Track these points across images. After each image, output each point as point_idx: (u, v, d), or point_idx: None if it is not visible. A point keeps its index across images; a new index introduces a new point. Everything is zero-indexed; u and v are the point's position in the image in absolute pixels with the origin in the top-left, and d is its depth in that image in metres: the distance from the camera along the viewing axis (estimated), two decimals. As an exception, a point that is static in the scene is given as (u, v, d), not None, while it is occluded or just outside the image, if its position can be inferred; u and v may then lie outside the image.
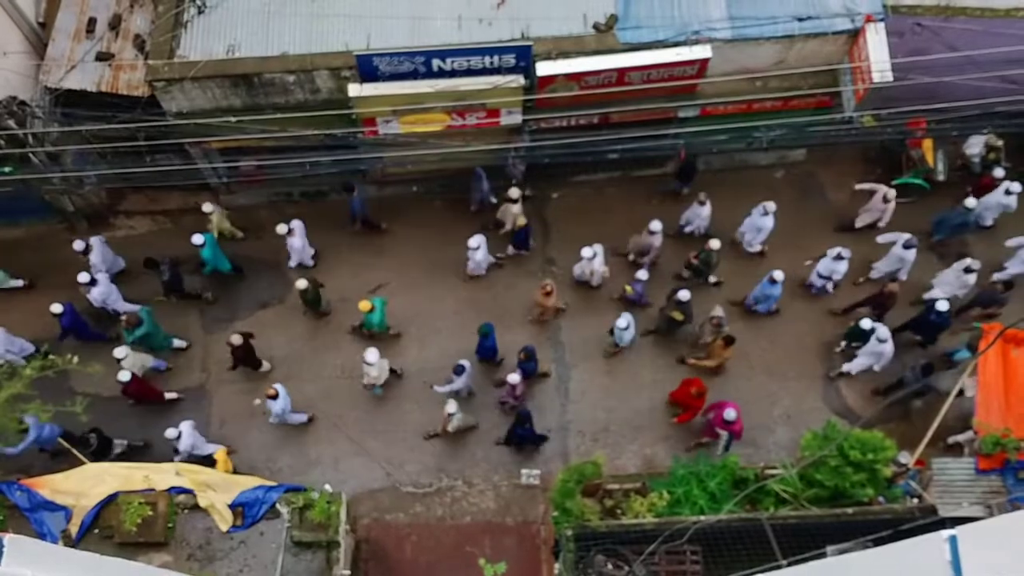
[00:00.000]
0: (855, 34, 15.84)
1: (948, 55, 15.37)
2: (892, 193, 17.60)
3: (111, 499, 14.31)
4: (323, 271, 18.35)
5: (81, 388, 16.67)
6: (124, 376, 15.84)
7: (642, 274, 17.30)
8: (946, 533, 7.43)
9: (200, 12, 16.28)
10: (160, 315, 17.37)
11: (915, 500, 14.14)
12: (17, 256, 18.33)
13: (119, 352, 15.92)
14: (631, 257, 18.11)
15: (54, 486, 14.54)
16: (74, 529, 14.25)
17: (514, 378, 16.15)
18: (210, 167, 17.89)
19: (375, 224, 18.80)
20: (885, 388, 16.99)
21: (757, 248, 18.12)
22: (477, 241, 17.44)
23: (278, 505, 14.37)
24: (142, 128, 16.00)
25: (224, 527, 14.29)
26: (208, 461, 15.71)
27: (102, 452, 16.03)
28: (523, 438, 16.51)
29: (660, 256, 17.84)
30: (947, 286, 17.14)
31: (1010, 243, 17.23)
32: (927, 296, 17.17)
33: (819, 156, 18.81)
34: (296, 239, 17.58)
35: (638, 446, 17.00)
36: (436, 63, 15.59)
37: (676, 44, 15.74)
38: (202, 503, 14.35)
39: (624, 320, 16.45)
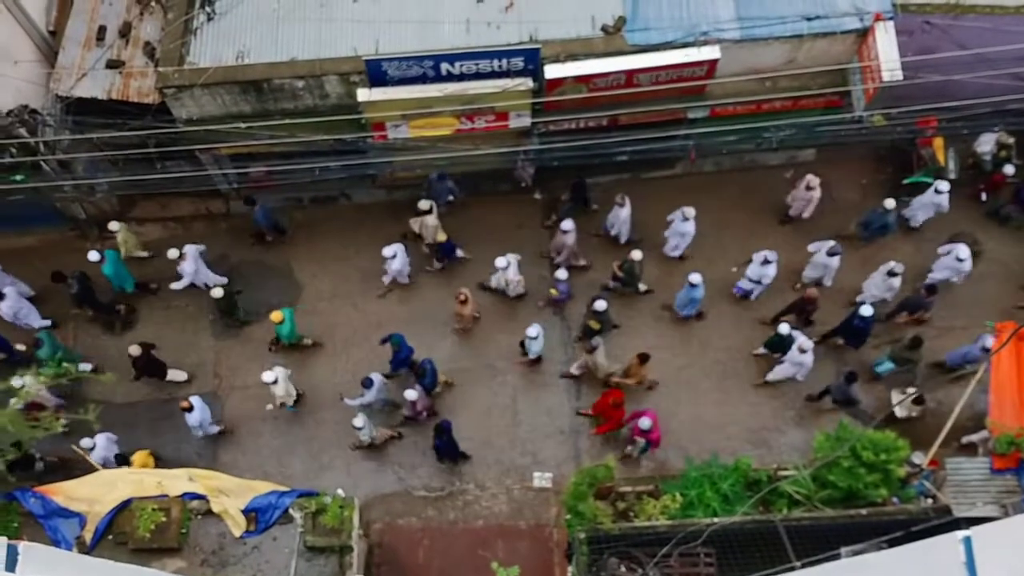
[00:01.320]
0: (864, 33, 15.79)
1: (958, 53, 15.30)
2: (815, 181, 17.57)
3: (125, 505, 14.34)
4: (320, 277, 18.48)
5: (93, 395, 16.82)
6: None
7: (561, 273, 17.19)
8: (961, 534, 7.38)
9: (210, 19, 16.35)
10: (158, 323, 17.41)
11: (929, 500, 14.06)
12: (28, 264, 18.38)
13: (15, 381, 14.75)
14: (553, 258, 18.06)
15: (68, 493, 14.58)
16: (88, 536, 14.29)
17: (411, 394, 16.03)
18: (220, 173, 17.97)
19: (284, 230, 18.78)
20: (819, 394, 16.98)
21: (678, 253, 18.08)
22: (392, 250, 17.27)
23: (291, 510, 14.38)
24: (153, 135, 16.08)
25: (237, 532, 14.30)
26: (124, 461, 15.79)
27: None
28: (440, 451, 16.36)
29: (578, 255, 17.94)
30: (874, 290, 17.13)
31: (941, 250, 17.15)
32: (858, 300, 17.11)
33: (829, 156, 18.75)
34: (188, 263, 17.20)
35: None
36: (445, 67, 15.60)
37: (685, 45, 15.73)
38: (215, 508, 14.37)
39: (534, 330, 16.37)
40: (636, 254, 17.07)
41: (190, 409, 15.89)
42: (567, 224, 17.27)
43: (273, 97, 16.25)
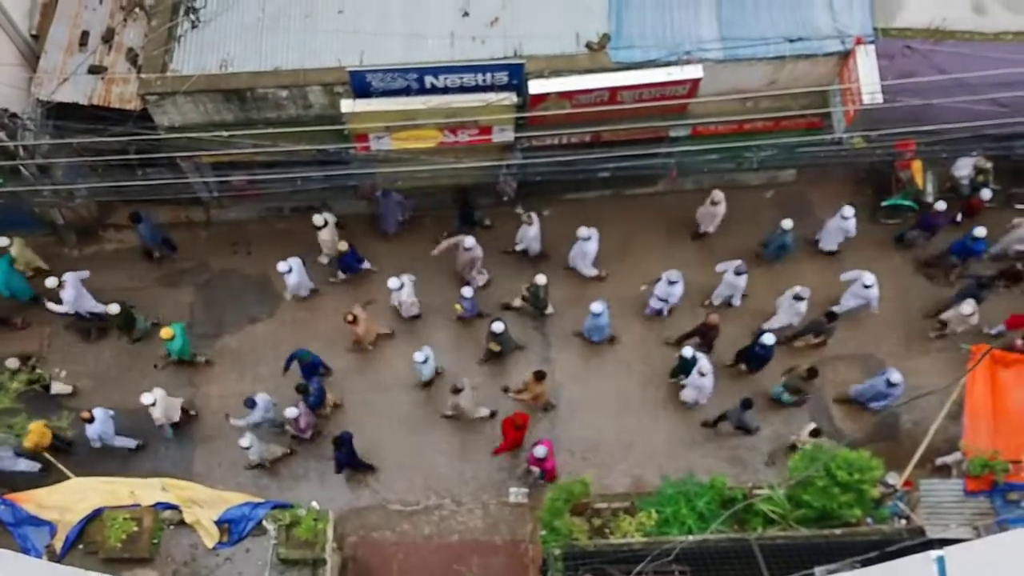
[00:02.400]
0: (845, 56, 15.93)
1: (937, 78, 15.46)
2: (719, 196, 17.67)
3: (96, 514, 14.22)
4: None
5: (67, 403, 16.68)
6: None
7: (467, 291, 17.14)
8: (934, 554, 7.44)
9: (194, 26, 16.32)
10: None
11: (903, 521, 14.13)
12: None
13: None
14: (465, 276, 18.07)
15: (39, 501, 14.44)
16: (58, 544, 14.15)
17: (291, 412, 15.92)
18: (201, 181, 17.89)
19: (174, 246, 18.66)
20: (714, 420, 17.05)
21: (592, 273, 18.14)
22: (286, 265, 17.18)
23: (264, 522, 14.30)
24: (134, 141, 16.00)
25: (210, 543, 14.20)
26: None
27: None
28: (340, 462, 16.26)
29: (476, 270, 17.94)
30: (782, 314, 17.25)
31: (844, 277, 17.26)
32: (766, 325, 17.20)
33: (809, 176, 18.88)
34: (68, 291, 16.90)
35: (627, 465, 16.96)
36: (429, 80, 15.62)
37: (668, 64, 15.79)
38: (188, 519, 14.27)
39: (422, 354, 16.32)
40: (540, 278, 17.05)
41: (91, 420, 15.64)
42: (469, 242, 17.25)
43: (256, 106, 16.22)
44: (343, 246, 17.60)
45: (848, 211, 17.44)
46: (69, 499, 14.48)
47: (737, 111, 16.74)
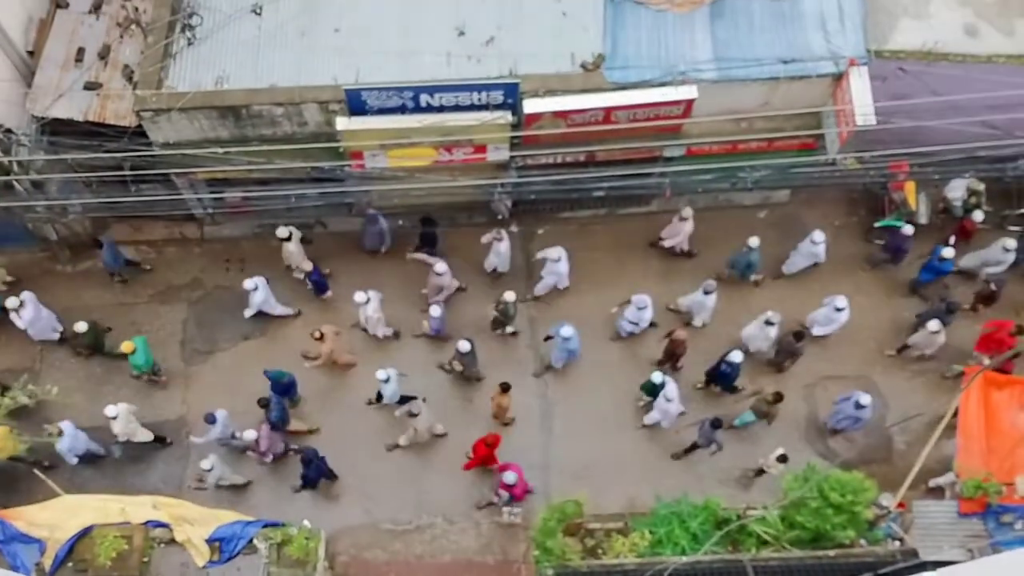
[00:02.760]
0: (839, 77, 16.02)
1: (930, 99, 15.54)
2: (688, 212, 17.73)
3: (86, 532, 14.12)
4: (291, 304, 18.40)
5: (60, 418, 16.57)
6: None
7: (435, 311, 17.13)
8: (929, 575, 7.43)
9: (189, 43, 16.34)
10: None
11: (897, 543, 14.10)
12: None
13: None
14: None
15: (29, 518, 14.35)
16: (48, 562, 14.04)
17: (250, 434, 15.82)
18: (196, 198, 17.88)
19: (137, 263, 18.63)
20: (684, 450, 17.05)
21: (543, 293, 18.22)
22: (253, 283, 17.12)
23: (256, 541, 14.21)
24: (128, 158, 15.98)
25: (200, 562, 14.11)
26: None
27: None
28: (307, 480, 16.16)
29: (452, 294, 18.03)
30: (753, 339, 17.27)
31: (825, 300, 17.28)
32: (740, 348, 17.22)
33: (803, 197, 18.95)
34: (27, 310, 16.86)
35: (620, 485, 16.87)
36: (424, 98, 15.67)
37: (662, 84, 15.88)
38: (179, 537, 14.18)
39: (384, 373, 16.21)
40: (509, 295, 17.08)
41: (60, 434, 15.58)
42: (440, 267, 17.23)
43: (251, 123, 16.23)
44: (307, 265, 17.60)
45: (818, 236, 17.51)
46: (59, 516, 14.39)
47: (731, 131, 16.79)
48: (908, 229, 17.63)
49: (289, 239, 17.47)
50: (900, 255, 18.16)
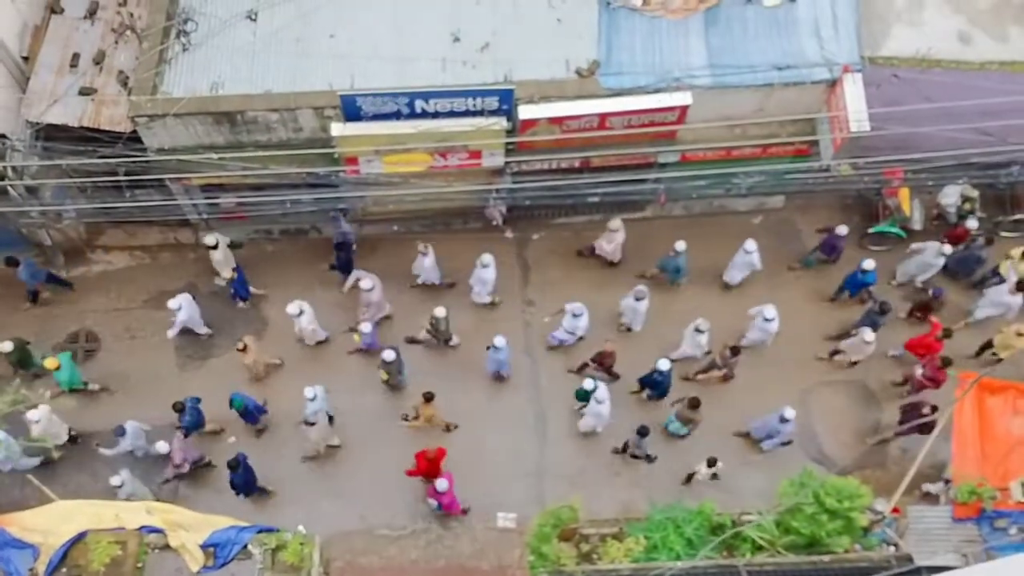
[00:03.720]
0: (833, 84, 16.08)
1: (924, 106, 15.60)
2: (616, 223, 17.79)
3: (80, 537, 14.05)
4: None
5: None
6: None
7: (366, 327, 17.06)
8: (922, 583, 7.42)
9: (184, 49, 16.35)
10: (137, 352, 17.18)
11: (891, 548, 14.10)
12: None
13: None
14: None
15: (22, 523, 14.27)
16: (41, 568, 13.95)
17: (162, 446, 15.72)
18: (190, 203, 17.86)
19: (62, 280, 18.52)
20: (621, 448, 17.13)
21: (487, 300, 18.19)
22: (177, 302, 16.99)
23: (250, 546, 14.14)
24: (123, 163, 15.97)
25: (195, 568, 14.03)
26: None
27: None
28: (235, 486, 16.07)
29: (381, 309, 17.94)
30: (685, 346, 17.36)
31: (753, 311, 17.37)
32: (673, 355, 17.27)
33: (797, 203, 18.99)
34: None
35: (615, 490, 16.91)
36: (419, 104, 15.69)
37: (657, 90, 15.93)
38: (173, 543, 14.10)
39: (311, 391, 16.15)
40: (439, 311, 17.05)
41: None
42: (367, 283, 17.18)
43: (246, 129, 16.23)
44: (227, 272, 17.55)
45: (750, 245, 17.54)
46: (53, 522, 14.31)
47: (725, 138, 16.85)
48: (842, 229, 17.73)
49: (216, 247, 17.39)
50: (835, 254, 18.26)
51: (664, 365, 16.37)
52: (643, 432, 16.06)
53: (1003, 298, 17.13)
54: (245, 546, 14.11)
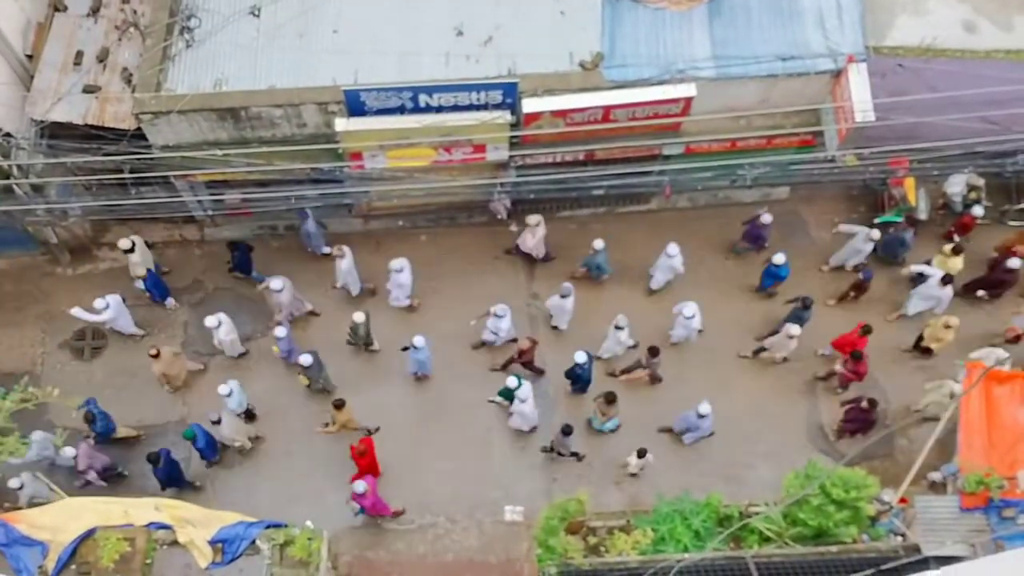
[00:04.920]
0: (837, 74, 16.03)
1: (929, 96, 15.54)
2: (532, 219, 17.76)
3: (89, 534, 14.11)
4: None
5: (60, 421, 16.60)
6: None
7: (280, 331, 16.85)
8: (932, 574, 7.42)
9: (188, 46, 16.34)
10: (143, 350, 17.25)
11: (899, 538, 14.09)
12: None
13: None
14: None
15: (31, 521, 14.33)
16: (51, 565, 14.02)
17: (68, 452, 15.58)
18: (195, 199, 17.88)
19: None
20: (549, 447, 17.11)
21: (405, 303, 18.10)
22: (104, 302, 16.91)
23: (258, 542, 14.19)
24: (128, 160, 15.98)
25: (203, 563, 14.09)
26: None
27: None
28: (160, 479, 16.00)
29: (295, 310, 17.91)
30: (610, 343, 17.38)
31: (675, 309, 17.35)
32: (598, 352, 17.37)
33: (802, 194, 18.96)
34: None
35: (622, 483, 16.92)
36: (423, 99, 15.67)
37: (661, 82, 15.88)
38: (181, 539, 14.16)
39: (226, 388, 16.11)
40: (358, 316, 16.99)
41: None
42: (276, 284, 17.08)
43: (250, 125, 16.23)
44: (140, 271, 17.51)
45: (672, 249, 17.45)
46: (62, 519, 14.37)
47: (730, 129, 16.81)
48: (766, 217, 17.77)
49: (132, 250, 17.34)
50: (760, 242, 18.33)
51: (581, 358, 16.41)
52: (567, 431, 16.06)
53: (933, 292, 17.28)
54: (253, 542, 14.16)
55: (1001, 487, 13.92)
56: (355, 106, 15.70)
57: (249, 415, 17.14)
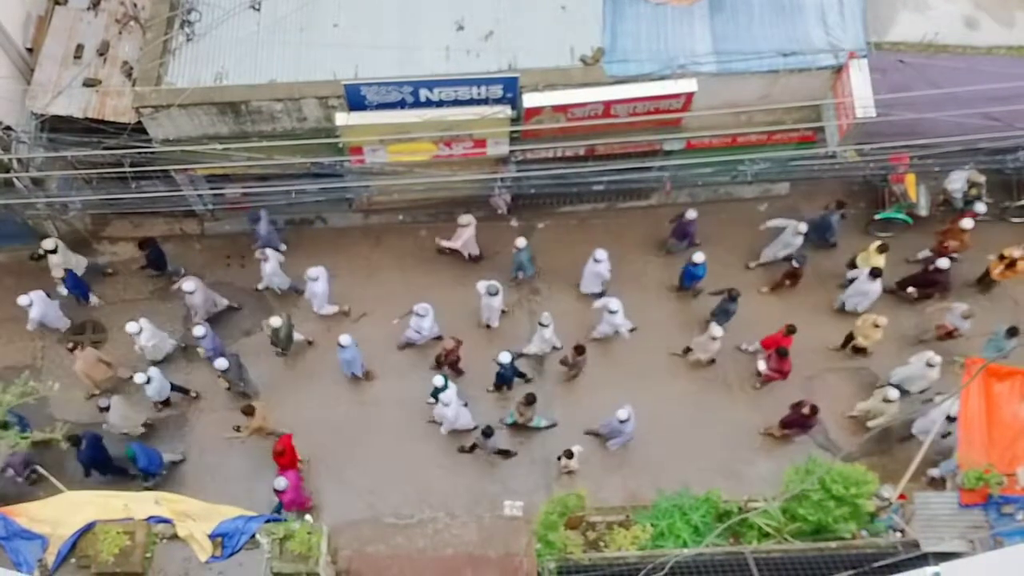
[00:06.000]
0: (839, 70, 16.01)
1: (930, 92, 15.52)
2: (464, 218, 17.80)
3: (89, 528, 14.11)
4: (293, 300, 18.27)
5: (61, 415, 16.61)
6: None
7: (198, 331, 16.72)
8: (931, 570, 7.43)
9: (188, 40, 16.33)
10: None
11: (898, 534, 14.12)
12: (-2, 280, 18.16)
13: None
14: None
15: (31, 514, 14.33)
16: (50, 558, 14.02)
17: None
18: (195, 194, 17.87)
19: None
20: (469, 448, 17.18)
21: (330, 311, 18.06)
22: (27, 298, 16.83)
23: (258, 535, 14.19)
24: (128, 154, 15.97)
25: (203, 557, 14.09)
26: None
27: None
28: (83, 463, 15.98)
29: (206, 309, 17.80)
30: (536, 341, 17.39)
31: (596, 305, 17.38)
32: (524, 350, 17.45)
33: (803, 190, 18.94)
34: None
35: (621, 478, 16.94)
36: (424, 93, 15.66)
37: (662, 77, 15.88)
38: (181, 533, 14.16)
39: (142, 376, 16.08)
40: (275, 320, 16.93)
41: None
42: (188, 285, 16.99)
43: (251, 119, 16.22)
44: (58, 272, 17.42)
45: (600, 254, 17.42)
46: (62, 512, 14.37)
47: (731, 124, 16.79)
48: (691, 213, 17.74)
49: (55, 251, 17.31)
50: (688, 239, 18.30)
51: (504, 358, 16.43)
52: (487, 433, 16.07)
53: (863, 287, 17.36)
54: (253, 535, 14.16)
55: (1000, 483, 13.93)
56: (355, 100, 15.68)
57: (166, 402, 17.16)
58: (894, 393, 16.12)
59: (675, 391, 17.74)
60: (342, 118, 15.83)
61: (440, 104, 15.83)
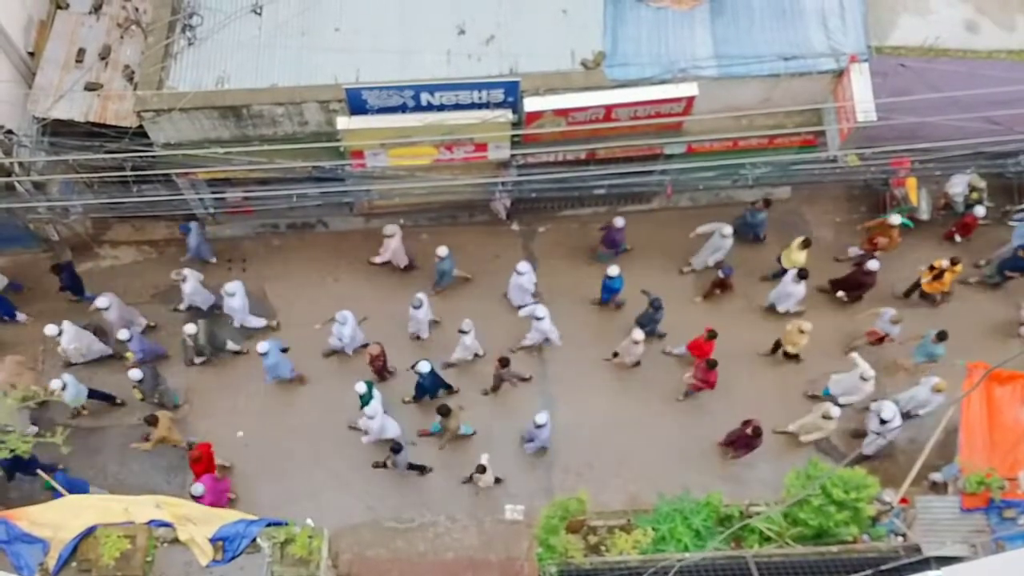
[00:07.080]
0: (839, 74, 16.02)
1: (931, 95, 15.53)
2: (389, 229, 17.76)
3: (89, 532, 14.10)
4: (294, 303, 18.42)
5: (62, 419, 16.62)
6: None
7: (123, 334, 16.62)
8: (933, 574, 7.42)
9: (190, 44, 16.34)
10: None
11: (900, 538, 14.10)
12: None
13: None
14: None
15: (32, 518, 14.32)
16: (52, 562, 14.00)
17: None
18: (197, 198, 17.89)
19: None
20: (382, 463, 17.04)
21: (256, 324, 18.03)
22: None
23: (259, 539, 14.17)
24: (129, 158, 15.98)
25: (204, 561, 14.07)
26: None
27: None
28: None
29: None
30: (458, 350, 17.36)
31: (522, 313, 17.30)
32: (451, 358, 17.50)
33: (804, 194, 18.95)
34: None
35: (622, 482, 16.92)
36: (425, 97, 15.67)
37: (663, 81, 15.88)
38: (182, 537, 14.15)
39: (58, 382, 15.93)
40: (189, 328, 16.88)
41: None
42: (102, 301, 16.79)
43: (252, 123, 16.24)
44: None
45: (523, 267, 17.38)
46: (63, 516, 14.35)
47: (732, 129, 16.80)
48: (619, 221, 17.68)
49: None
50: (616, 247, 18.27)
51: (424, 367, 16.32)
52: (396, 449, 16.00)
53: (787, 288, 17.37)
54: (254, 539, 14.14)
55: (1002, 487, 13.92)
56: (357, 104, 15.70)
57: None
58: (836, 411, 16.00)
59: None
60: (343, 122, 15.84)
61: (441, 108, 15.84)
